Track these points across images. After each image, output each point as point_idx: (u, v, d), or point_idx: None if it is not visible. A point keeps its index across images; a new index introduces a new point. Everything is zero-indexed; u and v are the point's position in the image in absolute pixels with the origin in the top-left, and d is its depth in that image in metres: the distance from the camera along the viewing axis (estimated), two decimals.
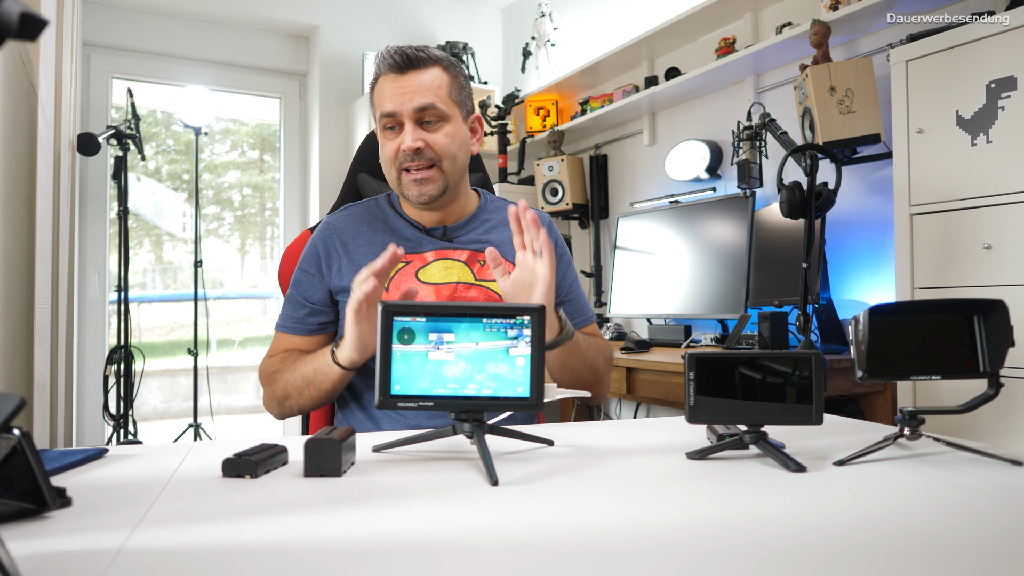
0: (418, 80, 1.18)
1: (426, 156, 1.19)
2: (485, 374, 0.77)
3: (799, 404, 0.78)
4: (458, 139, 1.22)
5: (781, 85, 2.65)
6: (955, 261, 1.72)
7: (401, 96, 1.18)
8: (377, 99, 1.22)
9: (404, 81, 1.18)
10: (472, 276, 1.25)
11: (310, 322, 1.25)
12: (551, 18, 3.73)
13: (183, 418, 3.89)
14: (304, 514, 0.61)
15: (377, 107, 1.22)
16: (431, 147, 1.19)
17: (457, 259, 1.26)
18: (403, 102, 1.17)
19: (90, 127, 3.70)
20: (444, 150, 1.20)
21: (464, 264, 1.26)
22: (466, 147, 1.25)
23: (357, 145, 3.10)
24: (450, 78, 1.22)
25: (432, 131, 1.19)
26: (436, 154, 1.19)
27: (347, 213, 1.31)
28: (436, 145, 1.19)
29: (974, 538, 0.55)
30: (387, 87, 1.19)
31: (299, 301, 1.26)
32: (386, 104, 1.19)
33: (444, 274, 1.24)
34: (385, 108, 1.19)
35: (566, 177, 3.48)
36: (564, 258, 1.33)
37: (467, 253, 1.26)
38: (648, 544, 0.53)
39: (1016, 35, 1.61)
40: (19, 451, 0.56)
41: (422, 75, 1.19)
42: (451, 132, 1.21)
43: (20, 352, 1.36)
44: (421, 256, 1.25)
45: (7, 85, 1.16)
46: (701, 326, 2.78)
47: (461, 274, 1.25)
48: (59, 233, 2.23)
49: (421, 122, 1.19)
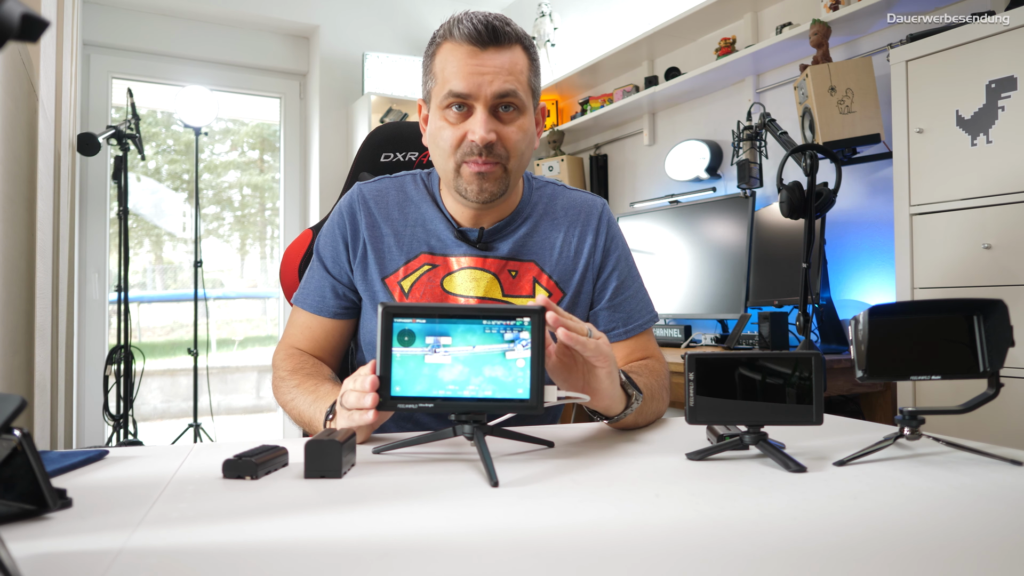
0: (500, 60, 1.00)
1: (496, 152, 1.02)
2: (482, 377, 0.77)
3: (799, 404, 0.78)
4: (529, 134, 1.07)
5: (781, 85, 2.65)
6: (955, 261, 1.72)
7: (479, 77, 1.00)
8: (442, 71, 1.03)
9: (485, 58, 1.00)
10: (500, 291, 1.12)
11: (329, 301, 1.15)
12: (551, 18, 3.73)
13: (183, 418, 3.89)
14: (304, 515, 0.61)
15: (440, 81, 1.03)
16: (503, 142, 1.03)
17: (487, 269, 1.12)
18: (481, 84, 1.00)
19: (90, 127, 3.70)
20: (515, 147, 1.04)
21: (494, 276, 1.12)
22: (533, 143, 1.09)
23: (357, 145, 3.10)
24: (530, 61, 1.06)
25: (506, 122, 1.03)
26: (506, 150, 1.03)
27: (380, 188, 1.16)
28: (508, 140, 1.03)
29: (974, 538, 0.55)
30: (461, 61, 1.00)
31: (323, 271, 1.15)
32: (458, 82, 1.00)
33: (471, 286, 1.11)
34: (456, 87, 1.00)
35: (566, 177, 3.48)
36: (614, 255, 1.17)
37: (499, 263, 1.12)
38: (648, 544, 0.53)
39: (1016, 35, 1.61)
40: (20, 452, 0.56)
41: (505, 54, 1.01)
42: (525, 125, 1.05)
43: (20, 352, 1.36)
44: (447, 262, 1.12)
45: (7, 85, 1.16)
46: (701, 326, 2.78)
47: (489, 288, 1.11)
48: (59, 233, 2.23)
49: (495, 109, 1.02)
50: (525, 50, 1.05)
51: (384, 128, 1.50)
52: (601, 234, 1.17)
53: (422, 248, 1.13)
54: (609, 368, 0.86)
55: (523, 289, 1.13)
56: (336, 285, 1.16)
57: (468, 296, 1.12)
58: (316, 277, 1.17)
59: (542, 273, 1.14)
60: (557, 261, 1.15)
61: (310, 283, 1.18)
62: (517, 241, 1.14)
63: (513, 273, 1.13)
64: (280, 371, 1.13)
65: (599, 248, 1.16)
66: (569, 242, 1.16)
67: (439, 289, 1.12)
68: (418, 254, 1.13)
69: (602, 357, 0.84)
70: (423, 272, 1.12)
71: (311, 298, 1.17)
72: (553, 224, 1.16)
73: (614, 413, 0.92)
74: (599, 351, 0.83)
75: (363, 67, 3.89)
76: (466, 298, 1.12)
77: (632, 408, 0.93)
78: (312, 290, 1.17)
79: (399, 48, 4.13)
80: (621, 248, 1.19)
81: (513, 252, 1.13)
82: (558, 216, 1.17)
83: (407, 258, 1.13)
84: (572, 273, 1.15)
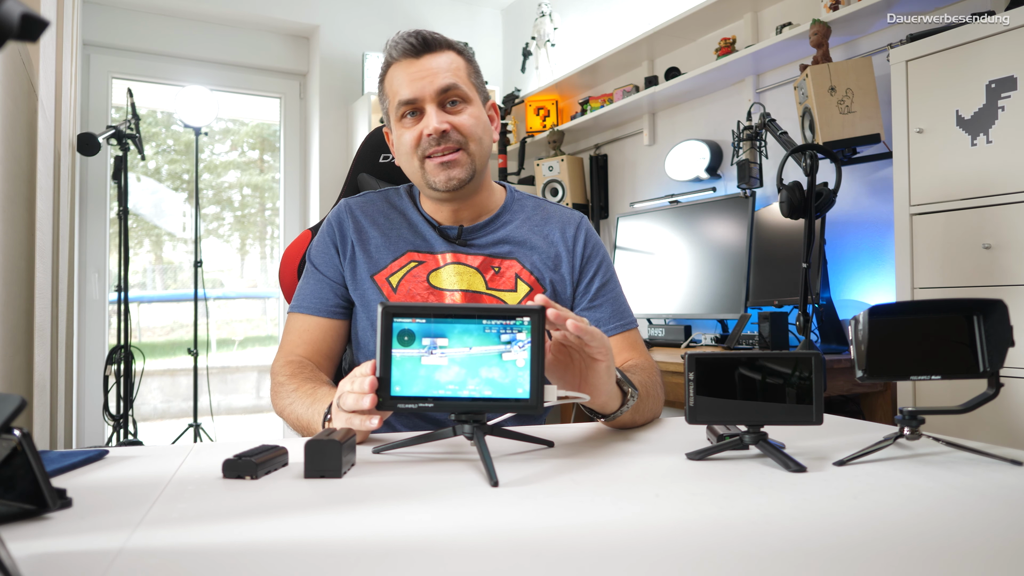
0: (436, 62, 1.12)
1: (452, 138, 1.12)
2: (482, 377, 0.77)
3: (799, 404, 0.78)
4: (482, 122, 1.16)
5: (781, 85, 2.65)
6: (955, 261, 1.72)
7: (421, 80, 1.11)
8: (391, 88, 1.15)
9: (422, 64, 1.12)
10: (484, 284, 1.19)
11: (327, 299, 1.20)
12: (551, 18, 3.73)
13: (183, 418, 3.89)
14: (304, 515, 0.61)
15: (392, 96, 1.15)
16: (457, 128, 1.12)
17: (470, 264, 1.20)
18: (423, 86, 1.11)
19: (90, 127, 3.70)
20: (470, 131, 1.13)
21: (476, 271, 1.19)
22: (489, 131, 1.19)
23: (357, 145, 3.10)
24: (466, 62, 1.17)
25: (456, 113, 1.13)
26: (463, 136, 1.13)
27: (366, 199, 1.25)
28: (462, 126, 1.13)
29: (974, 538, 0.55)
30: (403, 73, 1.13)
31: (317, 275, 1.21)
32: (404, 91, 1.12)
33: (455, 280, 1.18)
34: (403, 95, 1.12)
35: (566, 177, 3.48)
36: (596, 259, 1.25)
37: (480, 259, 1.20)
38: (648, 544, 0.53)
39: (1016, 35, 1.61)
40: (20, 452, 0.56)
41: (439, 57, 1.13)
42: (475, 114, 1.15)
43: (20, 352, 1.36)
44: (435, 257, 1.20)
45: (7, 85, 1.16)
46: (701, 326, 2.78)
47: (472, 281, 1.19)
48: (59, 233, 2.23)
49: (443, 105, 1.13)
50: (459, 53, 1.16)
51: (383, 129, 1.49)
52: (580, 239, 1.25)
53: (408, 247, 1.21)
54: (608, 363, 0.87)
55: (505, 284, 1.20)
56: (332, 285, 1.21)
57: (453, 289, 1.18)
58: (311, 281, 1.22)
59: (523, 269, 1.20)
60: (537, 259, 1.22)
61: (305, 288, 1.23)
62: (498, 239, 1.22)
63: (496, 269, 1.20)
64: (278, 377, 1.14)
65: (578, 253, 1.24)
66: (549, 242, 1.23)
67: (426, 283, 1.18)
68: (404, 252, 1.20)
69: (604, 350, 0.85)
70: (410, 268, 1.19)
71: (308, 300, 1.21)
72: (533, 227, 1.24)
73: (610, 411, 0.93)
74: (603, 343, 0.84)
75: (363, 67, 3.89)
76: (451, 291, 1.18)
77: (628, 405, 0.94)
78: (308, 293, 1.22)
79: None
80: (603, 255, 1.26)
81: (494, 249, 1.21)
82: (538, 221, 1.25)
83: (394, 256, 1.20)
84: (551, 271, 1.22)
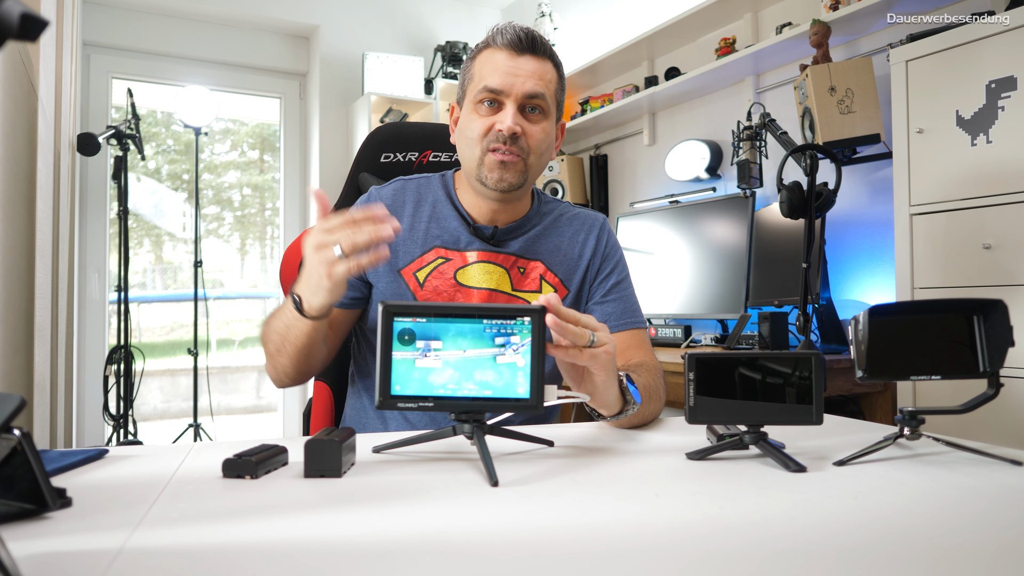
0: (533, 66, 1.12)
1: (519, 144, 1.12)
2: (482, 376, 0.77)
3: (799, 404, 0.78)
4: (550, 139, 1.17)
5: (781, 85, 2.65)
6: (955, 261, 1.72)
7: (514, 76, 1.11)
8: (480, 70, 1.14)
9: (520, 62, 1.11)
10: (510, 285, 1.19)
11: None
12: (551, 18, 3.73)
13: (183, 418, 3.89)
14: (304, 515, 0.60)
15: (477, 78, 1.14)
16: (527, 138, 1.12)
17: (499, 264, 1.19)
18: (514, 83, 1.10)
19: (90, 127, 3.70)
20: (536, 145, 1.14)
21: (505, 271, 1.19)
22: (551, 151, 1.19)
23: (357, 145, 3.10)
24: (558, 78, 1.17)
25: (532, 122, 1.13)
26: (529, 146, 1.13)
27: (394, 188, 1.24)
28: (532, 137, 1.13)
29: (974, 538, 0.55)
30: (499, 61, 1.12)
31: None
32: (493, 78, 1.11)
33: (483, 279, 1.18)
34: (491, 82, 1.11)
35: (566, 177, 3.48)
36: (613, 258, 1.27)
37: (511, 259, 1.20)
38: (648, 544, 0.53)
39: (1016, 35, 1.61)
40: (19, 451, 0.56)
41: (538, 63, 1.13)
42: (547, 129, 1.15)
43: (20, 352, 1.36)
44: (463, 255, 1.19)
45: (7, 85, 1.16)
46: (701, 326, 2.78)
47: (499, 281, 1.19)
48: (59, 233, 2.23)
49: (523, 109, 1.12)
50: (556, 67, 1.17)
51: (384, 128, 1.50)
52: (602, 241, 1.28)
53: (435, 243, 1.20)
54: (606, 376, 0.87)
55: (531, 284, 1.21)
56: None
57: (480, 288, 1.18)
58: None
59: (548, 271, 1.22)
60: (562, 261, 1.24)
61: None
62: (526, 241, 1.22)
63: (521, 270, 1.21)
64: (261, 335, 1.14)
65: (599, 252, 1.27)
66: (573, 245, 1.25)
67: (452, 280, 1.18)
68: (432, 247, 1.20)
69: (598, 365, 0.85)
70: (437, 264, 1.19)
71: None
72: (559, 230, 1.26)
73: (611, 413, 0.95)
74: (595, 360, 0.84)
75: (363, 67, 3.89)
76: (478, 290, 1.18)
77: (626, 414, 0.96)
78: None
79: (399, 48, 4.13)
80: (619, 256, 1.29)
81: (522, 251, 1.22)
82: (563, 224, 1.27)
83: (421, 251, 1.19)
84: (574, 272, 1.24)
